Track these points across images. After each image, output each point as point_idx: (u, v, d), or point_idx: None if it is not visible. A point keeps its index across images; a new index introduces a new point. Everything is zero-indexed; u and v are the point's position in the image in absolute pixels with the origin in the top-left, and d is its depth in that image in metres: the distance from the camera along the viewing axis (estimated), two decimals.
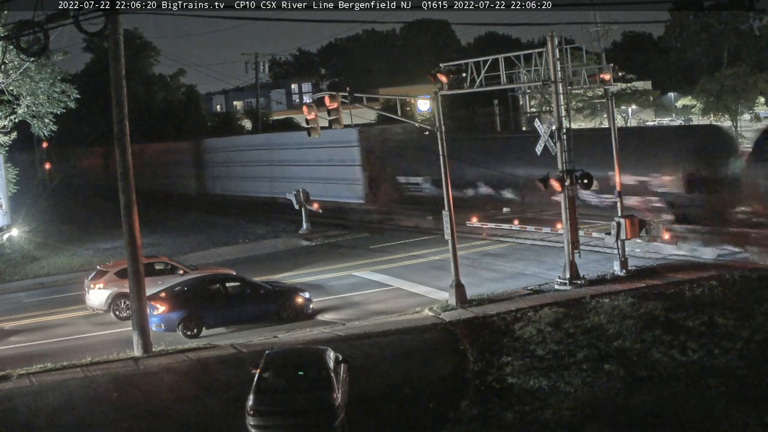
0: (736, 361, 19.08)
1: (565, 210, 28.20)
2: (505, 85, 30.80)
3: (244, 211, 55.80)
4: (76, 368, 22.65)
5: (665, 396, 17.46)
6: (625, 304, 24.30)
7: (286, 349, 21.12)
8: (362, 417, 17.79)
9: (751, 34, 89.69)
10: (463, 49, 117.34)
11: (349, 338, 23.84)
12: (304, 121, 29.89)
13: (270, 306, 26.95)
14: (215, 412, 18.90)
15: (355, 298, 29.62)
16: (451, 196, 27.64)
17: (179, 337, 25.59)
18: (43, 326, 28.89)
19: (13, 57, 35.92)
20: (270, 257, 39.05)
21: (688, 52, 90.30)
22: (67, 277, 37.27)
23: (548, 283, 28.71)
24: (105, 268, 30.27)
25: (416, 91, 54.22)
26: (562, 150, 27.84)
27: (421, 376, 20.36)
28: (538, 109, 59.64)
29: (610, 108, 30.49)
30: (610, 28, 72.91)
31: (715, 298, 24.44)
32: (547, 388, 18.55)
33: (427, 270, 32.90)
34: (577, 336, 21.98)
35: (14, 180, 42.04)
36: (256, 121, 79.16)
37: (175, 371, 22.18)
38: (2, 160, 40.18)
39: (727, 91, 69.58)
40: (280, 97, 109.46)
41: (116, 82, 23.65)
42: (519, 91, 56.03)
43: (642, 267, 29.68)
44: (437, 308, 26.55)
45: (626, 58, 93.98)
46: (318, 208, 44.64)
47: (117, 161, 24.00)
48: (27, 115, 39.66)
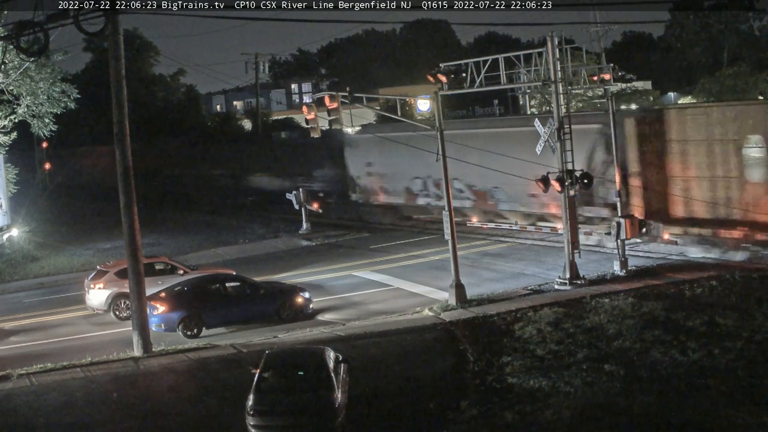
0: (736, 362, 19.08)
1: (565, 210, 28.21)
2: (505, 85, 30.84)
3: (245, 210, 55.85)
4: (76, 368, 22.67)
5: (665, 396, 17.47)
6: (625, 304, 24.31)
7: (286, 349, 21.15)
8: (362, 417, 17.79)
9: (751, 34, 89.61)
10: (463, 49, 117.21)
11: (349, 338, 23.84)
12: (304, 121, 29.92)
13: (270, 306, 26.95)
14: (215, 412, 18.90)
15: (355, 298, 29.63)
16: (451, 197, 27.63)
17: (179, 337, 25.59)
18: (43, 326, 28.89)
19: (13, 57, 35.91)
20: (270, 257, 39.05)
21: (688, 52, 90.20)
22: (67, 277, 37.28)
23: (548, 283, 28.71)
24: (105, 268, 30.26)
25: (416, 91, 54.27)
26: (563, 150, 27.85)
27: (421, 376, 20.37)
28: (538, 109, 59.55)
29: (610, 108, 30.50)
30: (610, 28, 72.83)
31: (715, 298, 24.45)
32: (547, 388, 18.55)
33: (427, 270, 32.90)
34: (577, 336, 21.99)
35: (14, 180, 42.03)
36: (256, 121, 79.19)
37: (175, 371, 22.19)
38: (2, 160, 40.17)
39: (727, 91, 69.58)
40: (280, 97, 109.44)
41: (116, 82, 23.65)
42: (519, 91, 55.96)
43: (642, 267, 29.67)
44: (437, 308, 26.54)
45: (626, 58, 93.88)
46: (318, 207, 44.64)
47: (117, 161, 24.00)
48: (27, 115, 39.63)
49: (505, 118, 36.61)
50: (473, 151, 34.81)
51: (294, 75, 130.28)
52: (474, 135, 38.02)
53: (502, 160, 33.59)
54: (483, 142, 36.33)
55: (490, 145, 34.98)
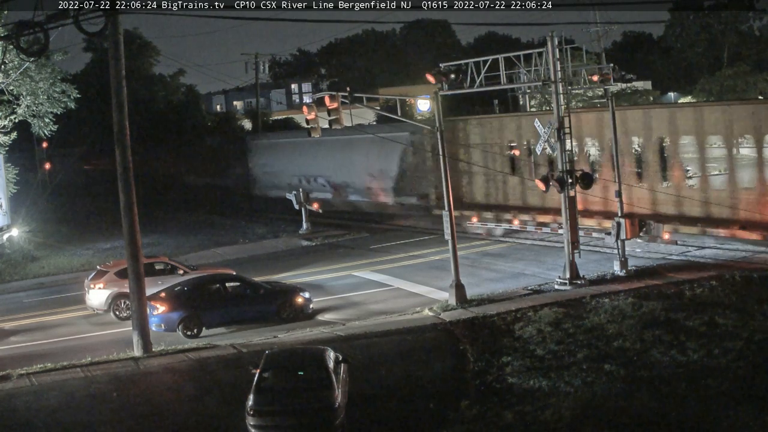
0: (736, 361, 19.07)
1: (565, 210, 28.20)
2: (505, 85, 30.84)
3: (244, 210, 55.92)
4: (76, 368, 22.67)
5: (665, 396, 17.46)
6: (625, 304, 24.30)
7: (286, 349, 21.14)
8: (362, 417, 17.79)
9: (751, 34, 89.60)
10: (463, 49, 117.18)
11: (349, 338, 23.84)
12: (305, 121, 29.92)
13: (270, 306, 26.95)
14: (215, 412, 18.89)
15: (355, 298, 29.63)
16: (451, 198, 27.71)
17: (179, 337, 25.59)
18: (43, 326, 28.89)
19: (13, 57, 35.91)
20: (270, 257, 39.05)
21: (688, 52, 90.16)
22: (67, 277, 37.29)
23: (548, 283, 28.71)
24: (105, 268, 30.27)
25: (416, 91, 54.30)
26: (563, 150, 27.85)
27: (421, 376, 20.37)
28: (538, 109, 59.52)
29: (610, 108, 30.51)
30: (610, 28, 72.84)
31: (715, 298, 24.42)
32: (547, 388, 18.55)
33: (427, 270, 32.90)
34: (577, 336, 21.98)
35: (14, 180, 42.03)
36: (256, 121, 79.19)
37: (175, 371, 22.18)
38: (2, 160, 40.17)
39: (727, 91, 69.59)
40: (280, 97, 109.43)
41: (116, 83, 23.66)
42: (519, 91, 55.93)
43: (642, 267, 29.66)
44: (437, 308, 26.54)
45: (626, 58, 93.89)
46: (318, 208, 44.69)
47: (117, 161, 24.00)
48: (27, 115, 39.64)
49: (354, 127, 47.73)
50: (337, 153, 48.92)
51: (294, 75, 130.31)
52: (337, 141, 49.62)
53: (351, 161, 48.08)
54: (341, 147, 49.55)
55: (346, 150, 48.44)
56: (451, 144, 38.78)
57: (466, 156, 42.83)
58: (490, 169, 41.93)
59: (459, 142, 43.21)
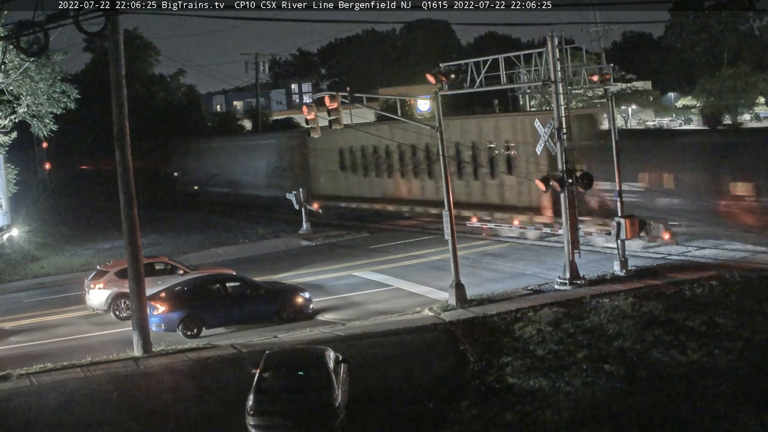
0: (736, 361, 19.08)
1: (565, 210, 28.20)
2: (505, 85, 30.82)
3: (244, 210, 55.94)
4: (76, 368, 22.65)
5: (665, 396, 17.46)
6: (625, 304, 24.29)
7: (286, 349, 21.13)
8: (362, 417, 17.78)
9: (751, 34, 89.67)
10: (463, 49, 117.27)
11: (349, 338, 23.84)
12: (305, 121, 29.91)
13: (270, 306, 26.94)
14: (215, 412, 18.89)
15: (355, 298, 29.63)
16: (451, 196, 27.69)
17: (179, 337, 25.59)
18: (43, 326, 28.89)
19: (13, 57, 35.90)
20: (270, 257, 39.06)
21: (688, 52, 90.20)
22: (67, 277, 37.29)
23: (548, 283, 28.70)
24: (105, 268, 30.27)
25: (416, 91, 54.35)
26: (562, 150, 27.85)
27: (421, 376, 20.37)
28: (538, 109, 59.54)
29: (610, 108, 30.52)
30: (610, 28, 72.84)
31: (715, 298, 24.42)
32: (547, 388, 18.54)
33: (427, 270, 32.90)
34: (577, 336, 21.98)
35: (14, 180, 42.02)
36: (256, 121, 79.24)
37: (175, 371, 22.18)
38: (2, 160, 40.15)
39: (727, 91, 69.64)
40: (280, 97, 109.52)
41: (116, 82, 23.65)
42: (519, 91, 55.98)
43: (642, 267, 29.66)
44: (437, 308, 26.53)
45: (626, 58, 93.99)
46: (318, 208, 44.70)
47: (117, 161, 23.99)
48: (27, 115, 39.64)
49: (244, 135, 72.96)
50: (238, 155, 67.10)
51: (294, 75, 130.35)
52: (231, 146, 69.57)
53: (247, 162, 65.56)
54: (241, 149, 67.90)
55: (246, 152, 66.59)
56: (302, 149, 57.59)
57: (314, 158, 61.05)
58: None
59: (309, 147, 59.64)
